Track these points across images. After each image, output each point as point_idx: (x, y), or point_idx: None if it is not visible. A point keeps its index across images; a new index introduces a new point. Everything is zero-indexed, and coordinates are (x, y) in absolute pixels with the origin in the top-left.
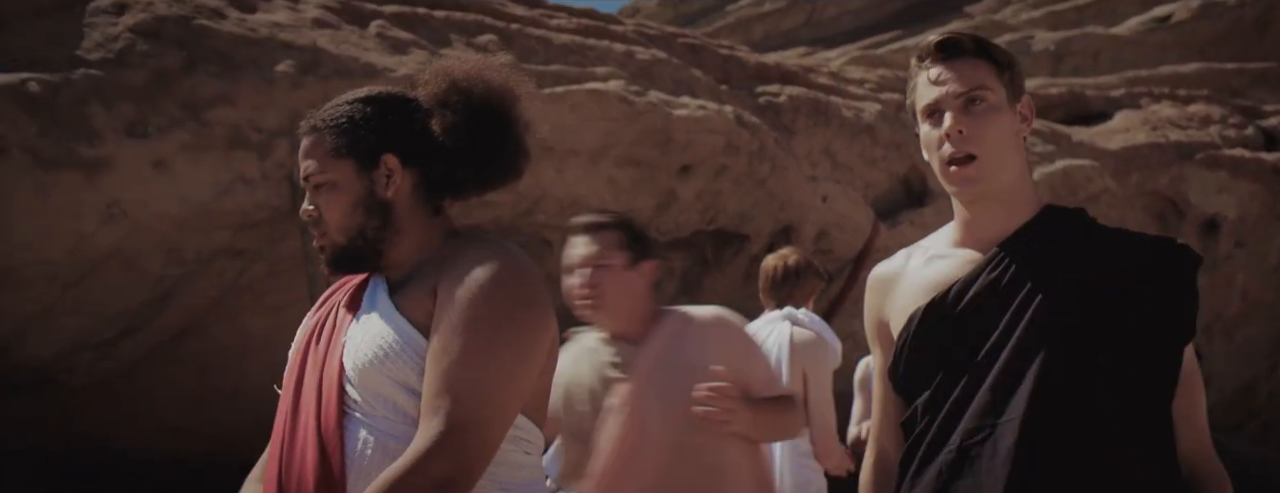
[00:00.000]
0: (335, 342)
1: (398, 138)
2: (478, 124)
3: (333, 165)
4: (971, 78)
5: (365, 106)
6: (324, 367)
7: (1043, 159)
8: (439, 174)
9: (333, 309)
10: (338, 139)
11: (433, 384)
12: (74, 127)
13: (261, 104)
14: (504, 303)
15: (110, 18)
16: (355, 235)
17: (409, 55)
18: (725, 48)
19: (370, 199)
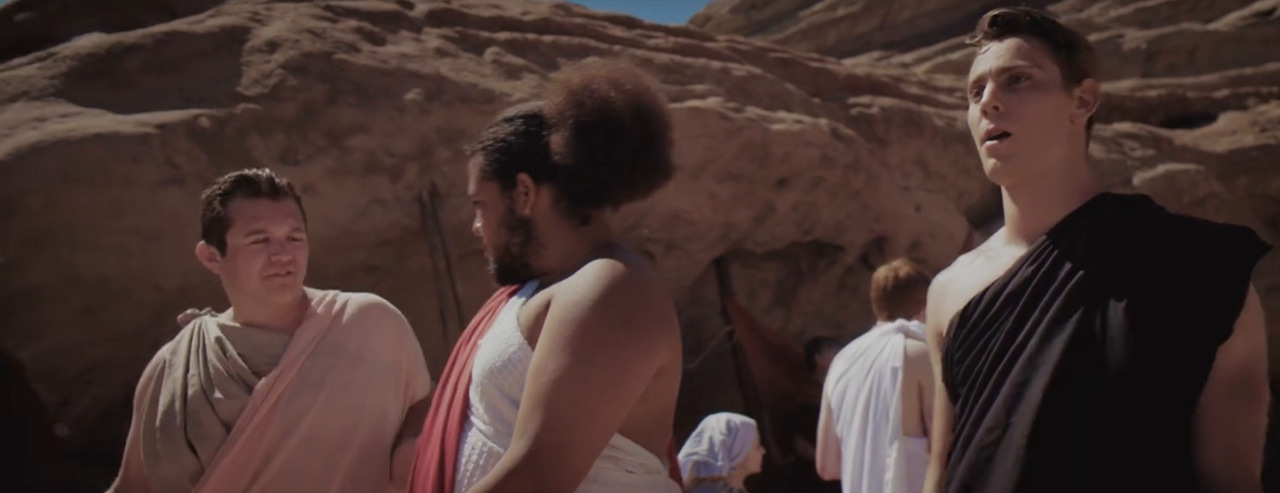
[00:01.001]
0: (473, 345)
1: (528, 156)
2: (587, 136)
3: (483, 186)
4: (1018, 54)
5: (506, 126)
6: (462, 369)
7: (1143, 163)
8: (573, 187)
9: (491, 312)
10: (485, 161)
11: (526, 403)
12: (237, 157)
13: (393, 131)
14: (602, 324)
15: (264, 56)
16: (503, 251)
17: (522, 80)
18: (815, 61)
19: (511, 217)
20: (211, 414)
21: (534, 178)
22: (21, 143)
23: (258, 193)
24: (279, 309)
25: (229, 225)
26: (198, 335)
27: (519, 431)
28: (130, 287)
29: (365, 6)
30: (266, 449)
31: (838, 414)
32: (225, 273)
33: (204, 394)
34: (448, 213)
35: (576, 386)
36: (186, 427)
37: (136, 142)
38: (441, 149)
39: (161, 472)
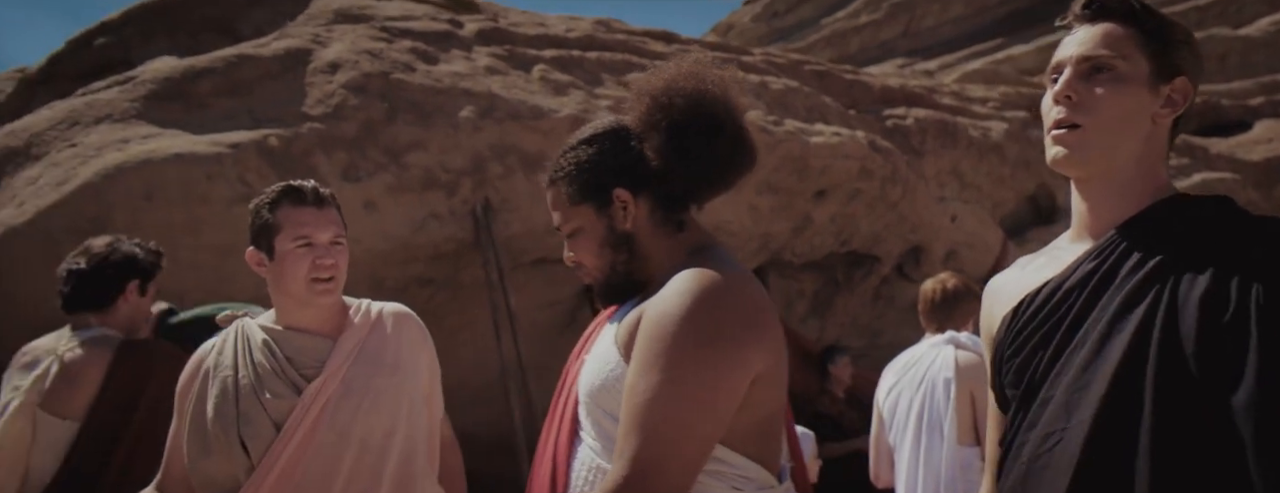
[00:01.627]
0: (581, 360)
1: (621, 170)
2: (684, 135)
3: (574, 213)
4: (1104, 42)
5: (586, 148)
6: (570, 387)
7: (1179, 172)
8: (670, 192)
9: (596, 327)
10: (571, 187)
11: (623, 423)
12: (303, 174)
13: (449, 147)
14: (689, 338)
15: (326, 76)
16: (609, 271)
17: (569, 96)
18: (850, 73)
19: (613, 235)
20: (263, 413)
21: (631, 190)
22: (109, 163)
23: (303, 201)
24: (321, 314)
25: (277, 231)
26: (242, 337)
27: (618, 451)
28: (204, 300)
29: (418, 27)
30: (315, 451)
31: (890, 424)
32: (272, 276)
33: (255, 394)
34: (500, 226)
35: (669, 403)
36: (239, 424)
37: (211, 161)
38: (494, 164)
39: (209, 468)
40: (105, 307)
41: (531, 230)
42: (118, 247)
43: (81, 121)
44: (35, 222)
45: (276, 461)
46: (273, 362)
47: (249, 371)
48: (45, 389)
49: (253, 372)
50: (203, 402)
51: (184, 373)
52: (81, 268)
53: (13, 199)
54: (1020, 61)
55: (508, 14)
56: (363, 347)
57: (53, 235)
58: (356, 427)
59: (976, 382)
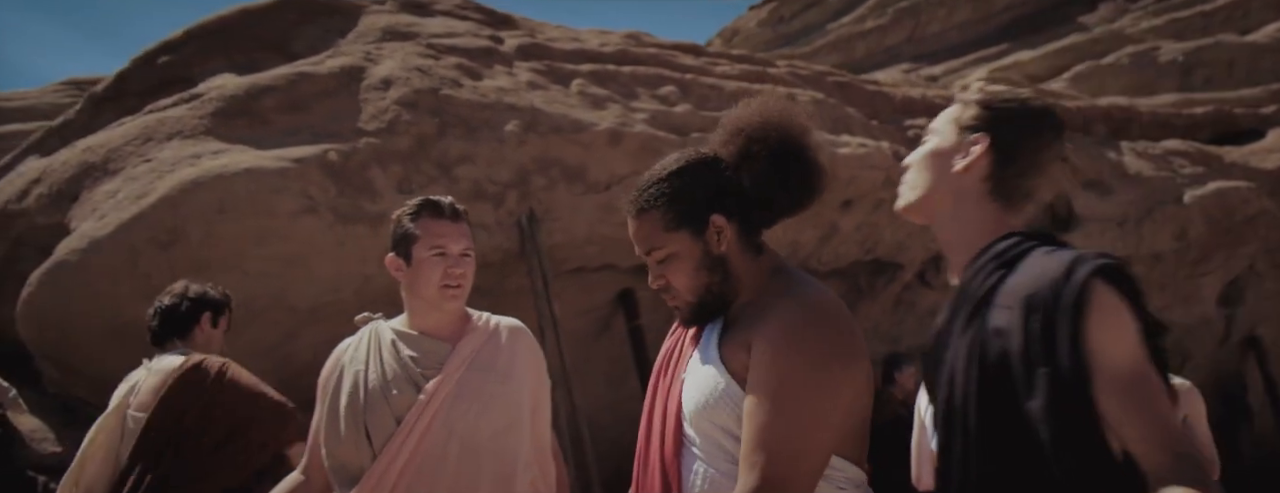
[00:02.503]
0: (676, 378)
1: (715, 198)
2: (783, 166)
3: (669, 238)
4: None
5: (678, 179)
6: (666, 400)
7: (1193, 181)
8: (754, 217)
9: (679, 341)
10: (666, 214)
11: (749, 440)
12: (361, 187)
13: (495, 161)
14: (806, 363)
15: (380, 93)
16: (704, 292)
17: (607, 109)
18: (871, 84)
19: (708, 258)
20: (386, 407)
21: (725, 216)
22: (183, 178)
23: (441, 215)
24: (445, 319)
25: (416, 240)
26: (374, 337)
27: (746, 465)
28: (269, 307)
29: (462, 43)
30: (429, 446)
31: (933, 430)
32: (407, 281)
33: (381, 389)
34: (543, 236)
35: (794, 421)
36: (366, 416)
37: (277, 175)
38: (537, 177)
39: (340, 454)
40: (185, 335)
41: (572, 240)
42: (190, 286)
43: (154, 138)
44: (116, 234)
45: (396, 452)
46: (398, 361)
47: (377, 367)
48: (133, 398)
49: (381, 369)
50: (338, 393)
51: (325, 368)
52: (165, 304)
53: (93, 212)
54: (1027, 67)
55: (543, 29)
56: (478, 353)
57: (134, 246)
58: (465, 427)
59: None
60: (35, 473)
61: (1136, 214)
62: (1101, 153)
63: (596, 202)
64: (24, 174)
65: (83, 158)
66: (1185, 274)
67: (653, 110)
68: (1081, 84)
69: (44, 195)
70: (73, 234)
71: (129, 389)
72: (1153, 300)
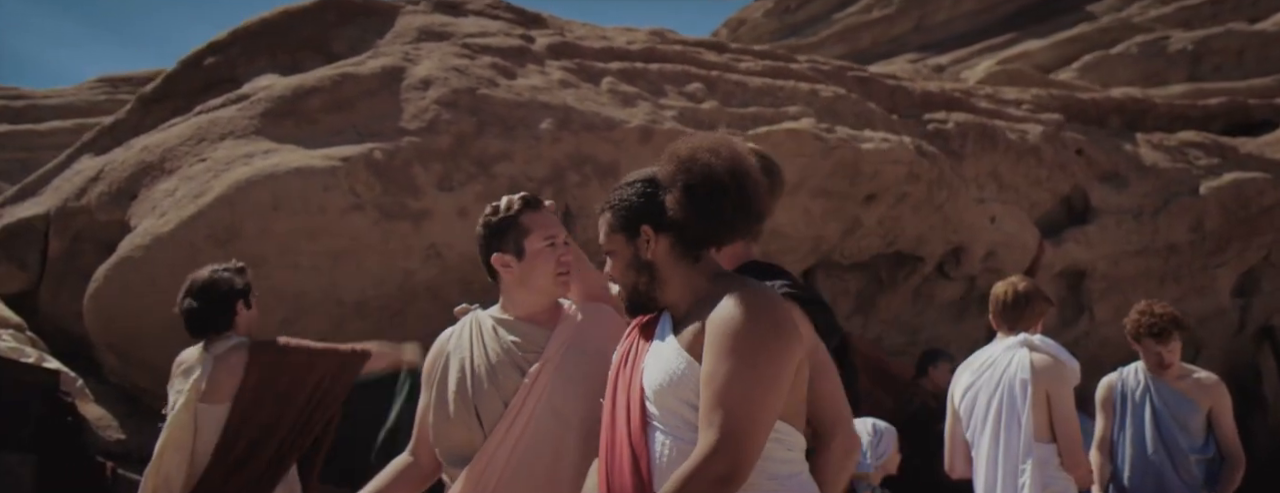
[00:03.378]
0: (636, 367)
1: (647, 212)
2: (696, 198)
3: (612, 238)
4: (603, 236)
5: (628, 190)
6: (629, 387)
7: (1209, 172)
8: (687, 235)
9: (634, 341)
10: (614, 217)
11: (707, 402)
12: (404, 185)
13: (531, 158)
14: (755, 334)
15: (419, 93)
16: (632, 289)
17: (636, 107)
18: (891, 79)
19: (638, 261)
20: (495, 391)
21: (654, 229)
22: (239, 177)
23: (540, 208)
24: (543, 305)
25: (528, 233)
26: (476, 325)
27: (705, 424)
28: (320, 300)
29: (496, 43)
30: (536, 425)
31: (968, 422)
32: (519, 274)
33: (487, 373)
34: (578, 232)
35: (746, 383)
36: (475, 398)
37: (327, 174)
38: (571, 173)
39: (450, 435)
40: (226, 328)
41: None
42: (215, 280)
43: (207, 138)
44: (177, 231)
45: (505, 432)
46: (501, 346)
47: (482, 353)
48: (202, 388)
49: (485, 355)
50: (445, 379)
51: (429, 355)
52: (196, 307)
53: (153, 210)
54: (1035, 57)
55: (572, 27)
56: (573, 337)
57: (194, 242)
58: (566, 406)
59: (1051, 382)
60: (103, 459)
61: (1152, 206)
62: (1117, 145)
63: None
64: (81, 172)
65: (140, 157)
66: (1200, 265)
67: (681, 107)
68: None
69: (104, 194)
70: (135, 231)
71: (193, 382)
72: (1168, 292)
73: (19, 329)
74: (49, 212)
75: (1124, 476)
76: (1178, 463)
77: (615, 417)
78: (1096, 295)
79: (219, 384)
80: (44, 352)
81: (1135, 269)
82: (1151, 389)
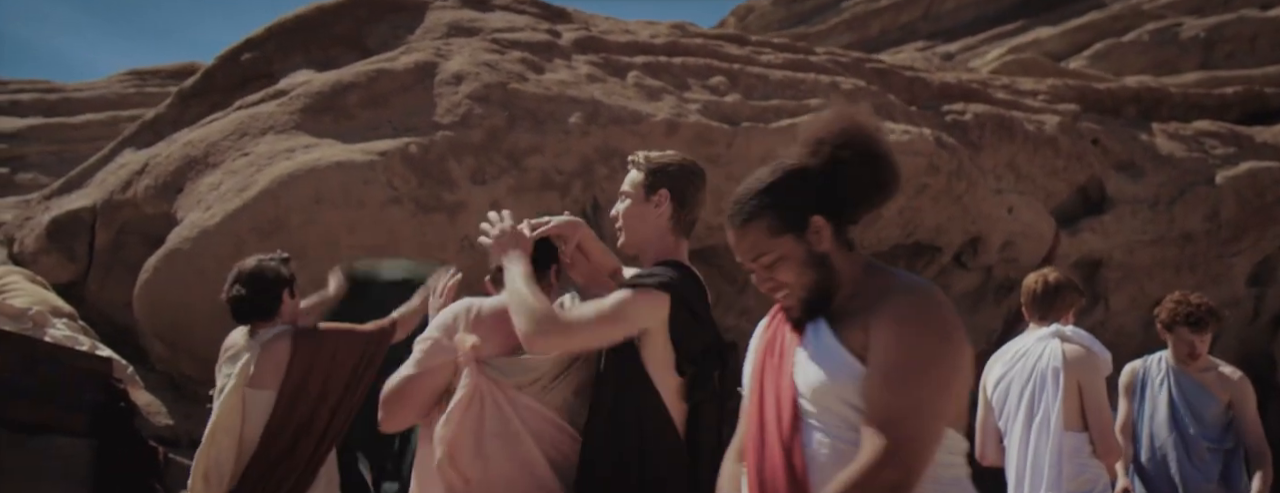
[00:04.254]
0: (785, 361)
1: (812, 202)
2: (869, 168)
3: (775, 244)
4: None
5: (778, 188)
6: (779, 381)
7: (1225, 161)
8: (847, 216)
9: (779, 330)
10: (771, 222)
11: (877, 408)
12: (439, 178)
13: (561, 151)
14: (929, 341)
15: (452, 87)
16: (814, 289)
17: (662, 100)
18: (908, 70)
19: (813, 256)
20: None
21: (824, 217)
22: (282, 171)
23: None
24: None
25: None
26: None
27: (875, 430)
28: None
29: (524, 38)
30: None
31: (1000, 411)
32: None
33: None
34: (607, 224)
35: (920, 390)
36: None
37: (366, 168)
38: (600, 166)
39: None
40: (271, 316)
41: None
42: (262, 269)
43: (249, 133)
44: (224, 223)
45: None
46: None
47: None
48: (250, 373)
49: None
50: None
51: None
52: (243, 294)
53: (199, 203)
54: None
55: (596, 21)
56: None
57: (239, 235)
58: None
59: (1083, 372)
60: (155, 444)
61: (1168, 195)
62: (1133, 135)
63: None
64: (125, 165)
65: (185, 152)
66: (1216, 254)
67: (704, 100)
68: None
69: (150, 187)
70: (183, 224)
71: (241, 366)
72: (1183, 281)
73: (72, 318)
74: (95, 204)
75: (1142, 458)
76: (1191, 450)
77: (764, 411)
78: (1112, 285)
79: (265, 370)
80: (95, 340)
81: (1150, 259)
82: (1172, 378)
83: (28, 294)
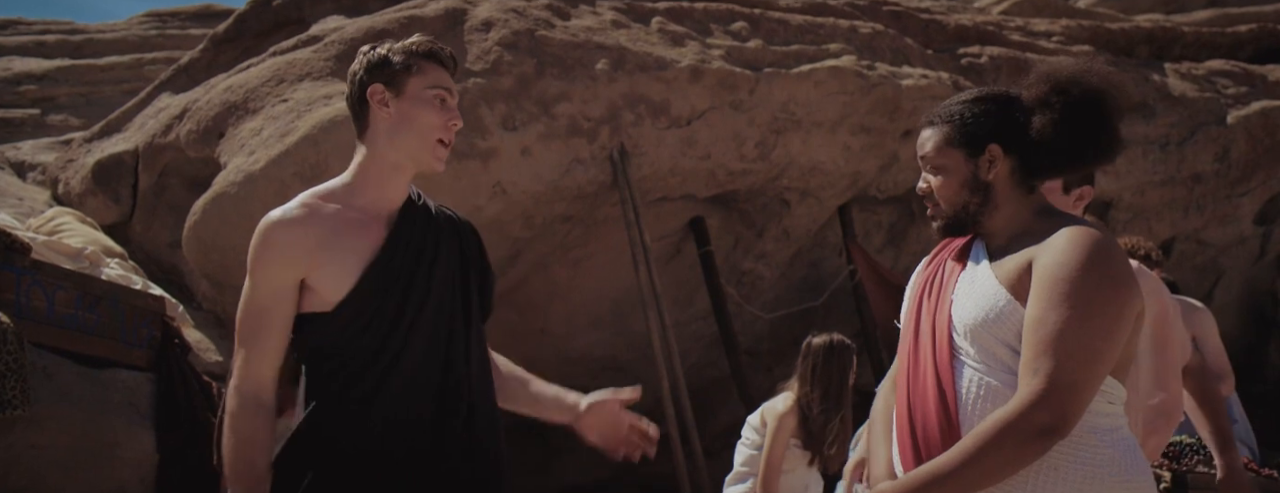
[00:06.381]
0: (944, 297)
1: (1001, 131)
2: (1074, 121)
3: (946, 153)
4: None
5: (975, 106)
6: (935, 316)
7: (1237, 101)
8: (1036, 161)
9: (940, 266)
10: (955, 131)
11: (1034, 348)
12: (472, 124)
13: (589, 98)
14: (1096, 282)
15: (482, 34)
16: (960, 209)
17: (686, 46)
18: (924, 13)
19: (974, 181)
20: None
21: (1003, 149)
22: (322, 118)
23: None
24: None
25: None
26: None
27: (1029, 370)
28: None
29: None
30: None
31: None
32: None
33: None
34: (633, 169)
35: (1081, 333)
36: None
37: None
38: (626, 113)
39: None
40: None
41: (656, 172)
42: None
43: (287, 79)
44: (268, 168)
45: None
46: None
47: None
48: None
49: None
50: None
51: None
52: None
53: (242, 148)
54: None
55: None
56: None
57: (283, 179)
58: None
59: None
60: (208, 378)
61: (1179, 136)
62: (1145, 75)
63: (679, 135)
64: (165, 110)
65: (224, 98)
66: (1224, 194)
67: (727, 46)
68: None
69: (192, 132)
70: (228, 168)
71: None
72: (1191, 221)
73: (122, 258)
74: (137, 147)
75: None
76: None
77: (919, 345)
78: (1120, 226)
79: None
80: (146, 280)
81: (1160, 199)
82: None
83: (81, 235)
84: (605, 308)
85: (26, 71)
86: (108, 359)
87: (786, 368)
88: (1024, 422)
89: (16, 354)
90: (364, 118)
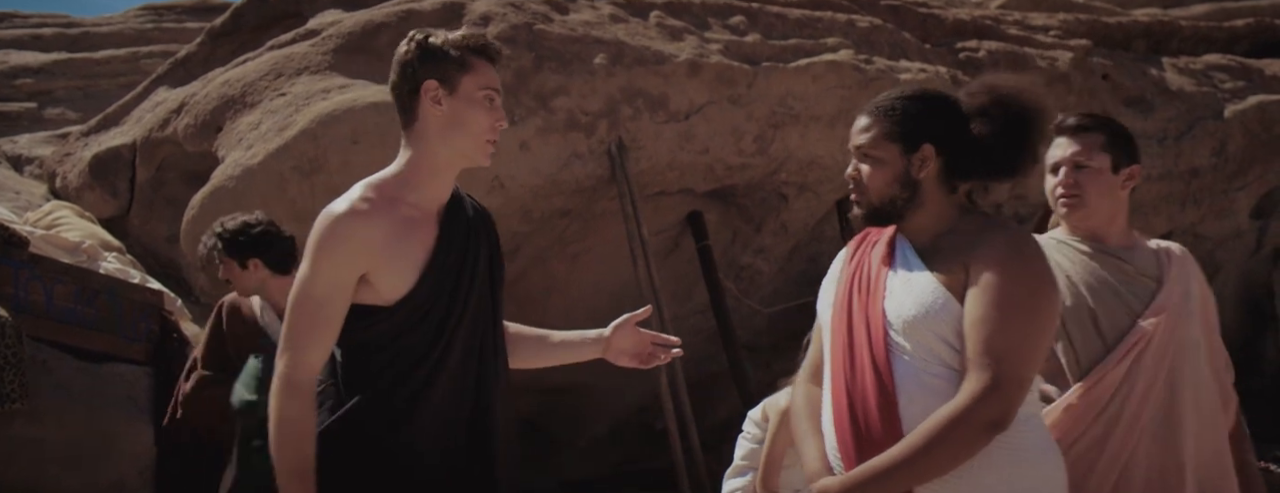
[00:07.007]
0: (876, 293)
1: (937, 132)
2: (1009, 134)
3: (882, 146)
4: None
5: (916, 104)
6: (868, 312)
7: (1234, 95)
8: (964, 164)
9: (865, 260)
10: (893, 125)
11: (978, 345)
12: None
13: (587, 93)
14: (1035, 285)
15: (479, 28)
16: (887, 202)
17: (684, 41)
18: (922, 7)
19: (905, 177)
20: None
21: (936, 150)
22: (320, 111)
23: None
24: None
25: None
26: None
27: (978, 365)
28: None
29: None
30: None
31: None
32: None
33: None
34: (631, 163)
35: (1022, 329)
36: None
37: None
38: (624, 107)
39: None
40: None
41: (654, 166)
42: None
43: (284, 73)
44: (266, 162)
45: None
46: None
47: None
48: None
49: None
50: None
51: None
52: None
53: (240, 142)
54: None
55: None
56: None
57: (281, 174)
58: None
59: None
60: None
61: (1176, 130)
62: (1143, 70)
63: (677, 130)
64: (162, 103)
65: (222, 91)
66: (1221, 189)
67: (726, 41)
68: None
69: (190, 126)
70: (226, 162)
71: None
72: (1187, 215)
73: (120, 252)
74: (135, 141)
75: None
76: None
77: (855, 341)
78: None
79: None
80: (144, 273)
81: (1157, 194)
82: None
83: (79, 228)
84: (603, 302)
85: (23, 65)
86: (106, 353)
87: (785, 362)
88: (973, 416)
89: (15, 348)
90: (413, 110)
